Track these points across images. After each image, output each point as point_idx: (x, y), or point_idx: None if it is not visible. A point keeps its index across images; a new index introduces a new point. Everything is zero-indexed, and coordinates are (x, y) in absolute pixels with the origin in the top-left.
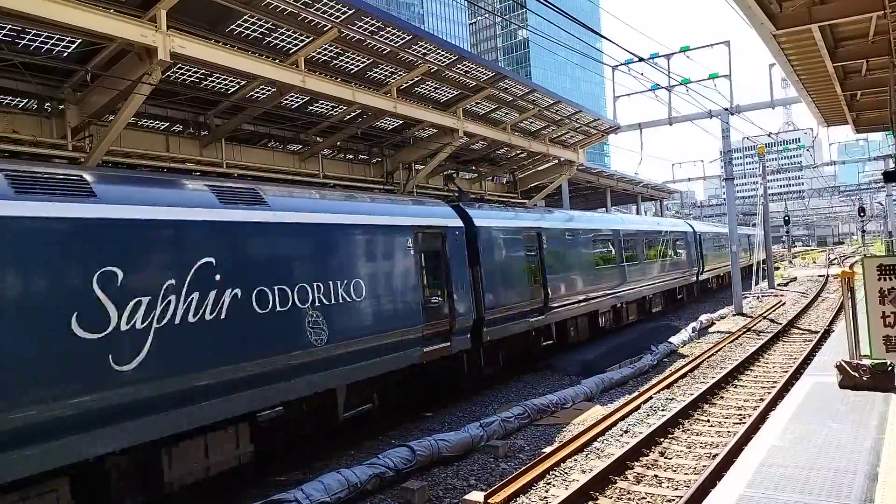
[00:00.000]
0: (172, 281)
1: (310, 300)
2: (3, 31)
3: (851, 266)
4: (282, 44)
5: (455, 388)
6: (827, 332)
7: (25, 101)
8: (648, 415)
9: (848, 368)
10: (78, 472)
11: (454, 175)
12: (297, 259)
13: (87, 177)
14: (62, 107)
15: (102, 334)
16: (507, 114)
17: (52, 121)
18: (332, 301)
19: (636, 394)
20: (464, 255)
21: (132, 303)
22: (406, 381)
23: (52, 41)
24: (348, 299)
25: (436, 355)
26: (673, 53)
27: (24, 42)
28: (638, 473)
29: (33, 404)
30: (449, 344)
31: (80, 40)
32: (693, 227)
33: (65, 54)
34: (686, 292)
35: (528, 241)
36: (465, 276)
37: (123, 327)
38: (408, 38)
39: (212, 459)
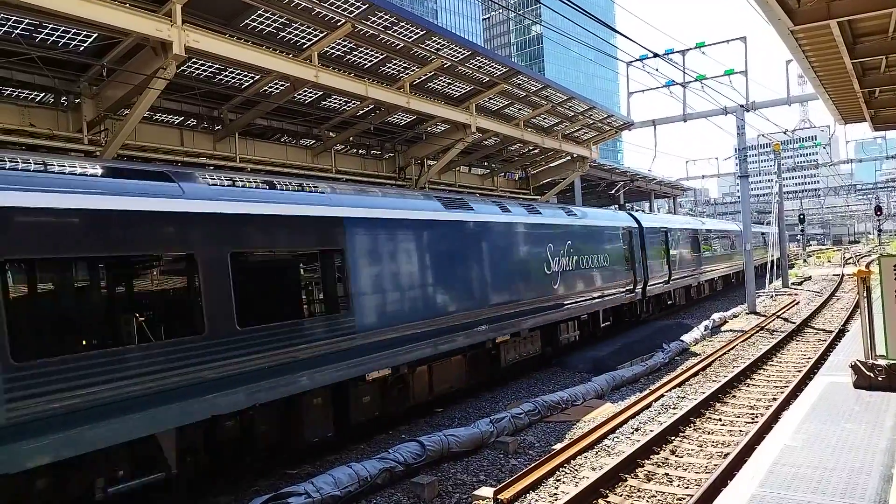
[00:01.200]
0: (561, 250)
1: (591, 265)
2: (21, 26)
3: (868, 265)
4: (296, 38)
5: (631, 321)
6: (841, 332)
7: (42, 94)
8: (660, 413)
9: (863, 368)
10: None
11: (624, 200)
12: (588, 242)
13: (536, 207)
14: (78, 101)
15: (549, 272)
16: (519, 110)
17: (69, 114)
18: (597, 265)
19: (647, 392)
20: (639, 243)
21: (553, 259)
22: (615, 315)
23: (69, 35)
24: (601, 265)
25: (630, 300)
26: (688, 49)
27: (41, 36)
28: (648, 471)
29: (533, 303)
30: (634, 295)
31: (96, 34)
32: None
33: (81, 48)
34: (736, 278)
35: (662, 235)
36: (640, 257)
37: (552, 270)
38: (421, 33)
39: (569, 335)
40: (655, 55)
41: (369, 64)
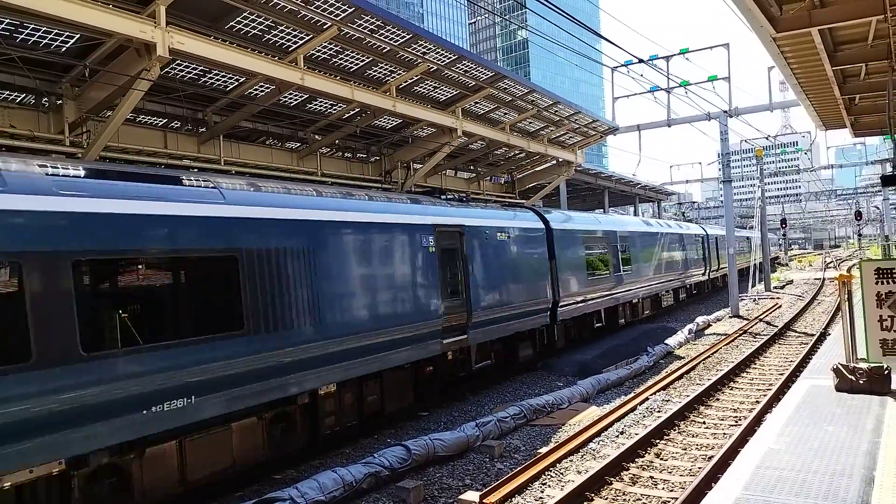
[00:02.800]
0: (682, 247)
1: (692, 256)
2: (2, 26)
3: (849, 269)
4: (281, 41)
5: (701, 294)
6: (823, 336)
7: (23, 95)
8: (644, 416)
9: (844, 372)
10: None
11: (682, 210)
12: (690, 243)
13: (707, 229)
14: (60, 102)
15: (677, 259)
16: (505, 114)
17: (50, 116)
18: (694, 257)
19: (632, 395)
20: (704, 245)
21: (678, 252)
22: (694, 289)
23: (51, 36)
24: (696, 257)
25: (700, 279)
26: (672, 55)
27: (22, 36)
28: (633, 475)
29: (671, 276)
30: (706, 277)
31: (78, 35)
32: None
33: (63, 49)
34: (743, 273)
35: (714, 240)
36: (707, 254)
37: (677, 259)
38: (407, 36)
39: (683, 296)
40: (640, 61)
41: (355, 67)
